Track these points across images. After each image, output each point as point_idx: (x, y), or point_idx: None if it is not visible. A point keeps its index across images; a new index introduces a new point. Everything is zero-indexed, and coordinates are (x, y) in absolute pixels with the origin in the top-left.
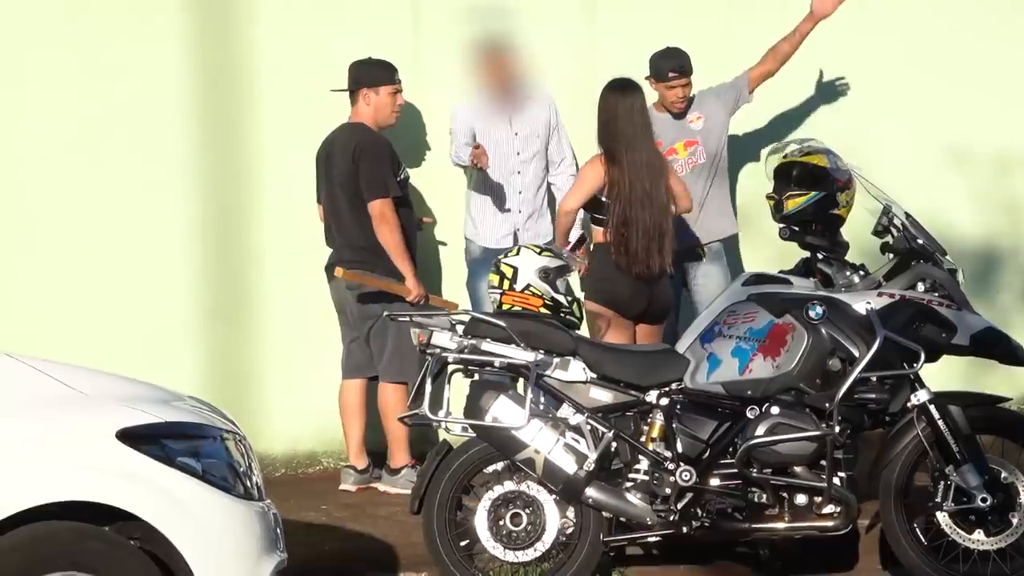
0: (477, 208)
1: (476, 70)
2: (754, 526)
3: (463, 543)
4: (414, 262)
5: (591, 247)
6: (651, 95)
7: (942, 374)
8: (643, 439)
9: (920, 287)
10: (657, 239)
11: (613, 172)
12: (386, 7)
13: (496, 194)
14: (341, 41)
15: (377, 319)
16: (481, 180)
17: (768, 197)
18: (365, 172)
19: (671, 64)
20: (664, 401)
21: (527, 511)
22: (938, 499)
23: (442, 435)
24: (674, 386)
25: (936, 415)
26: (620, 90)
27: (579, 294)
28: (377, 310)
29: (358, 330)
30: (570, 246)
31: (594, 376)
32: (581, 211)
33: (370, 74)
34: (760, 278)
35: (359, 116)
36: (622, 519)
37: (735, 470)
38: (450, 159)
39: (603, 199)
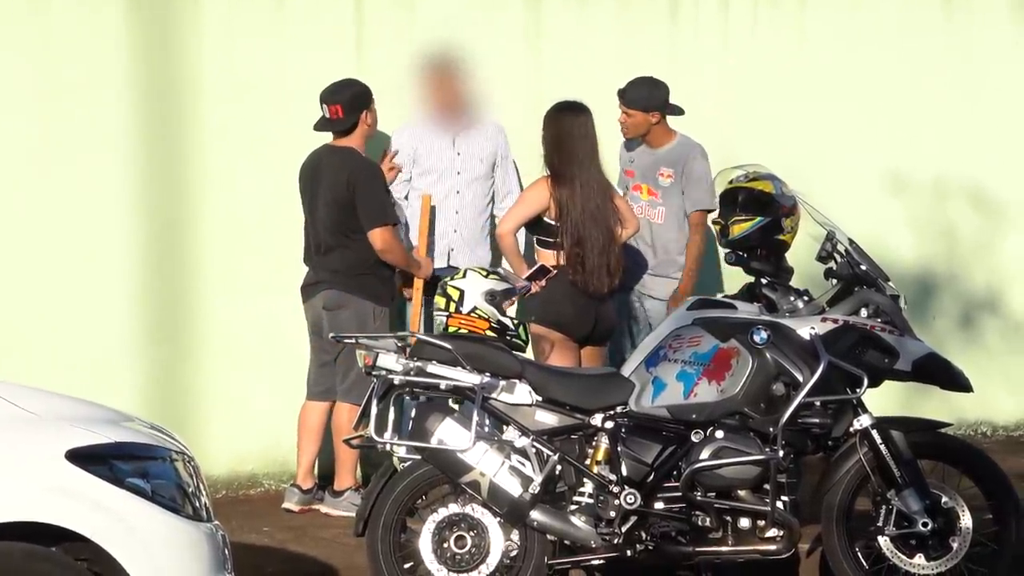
0: (410, 228)
1: (423, 86)
2: (697, 549)
3: (407, 565)
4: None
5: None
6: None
7: (881, 399)
8: (588, 462)
9: (863, 313)
10: (607, 257)
11: (562, 193)
12: (329, 12)
13: (431, 212)
14: (285, 52)
15: None
16: (416, 198)
17: (714, 222)
18: (364, 202)
19: (620, 90)
20: (609, 424)
21: (471, 533)
22: (879, 523)
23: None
24: (619, 409)
25: (878, 440)
26: (570, 110)
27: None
28: (352, 332)
29: (330, 353)
30: (528, 273)
31: (539, 399)
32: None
33: (365, 95)
34: (705, 303)
35: (349, 139)
36: (566, 542)
37: (679, 493)
38: None
39: (550, 221)
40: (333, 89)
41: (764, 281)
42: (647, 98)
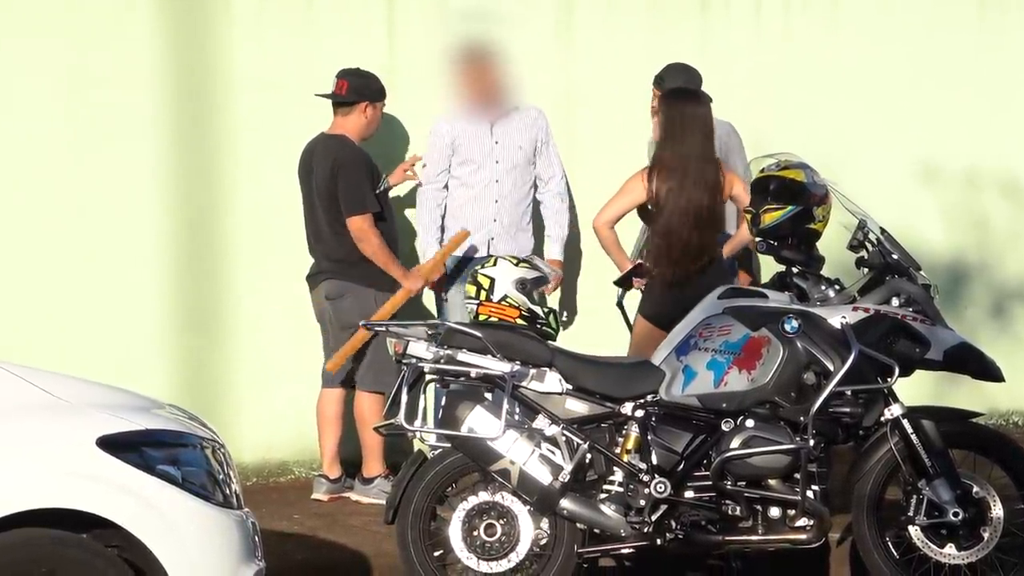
0: (450, 217)
1: (457, 75)
2: (727, 538)
3: (437, 553)
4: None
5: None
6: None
7: (912, 389)
8: (618, 451)
9: (894, 302)
10: (687, 246)
11: (658, 184)
12: (361, 10)
13: (471, 202)
14: (315, 46)
15: (356, 329)
16: (456, 187)
17: (745, 211)
18: (343, 188)
19: (657, 76)
20: (639, 413)
21: (501, 522)
22: (910, 513)
23: (416, 445)
24: (649, 398)
25: (909, 429)
26: (682, 97)
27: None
28: (356, 320)
29: (338, 340)
30: (626, 271)
31: (570, 388)
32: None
33: (374, 88)
34: (736, 292)
35: (344, 127)
36: (596, 530)
37: (709, 482)
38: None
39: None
40: (350, 70)
41: (795, 270)
42: (684, 84)
